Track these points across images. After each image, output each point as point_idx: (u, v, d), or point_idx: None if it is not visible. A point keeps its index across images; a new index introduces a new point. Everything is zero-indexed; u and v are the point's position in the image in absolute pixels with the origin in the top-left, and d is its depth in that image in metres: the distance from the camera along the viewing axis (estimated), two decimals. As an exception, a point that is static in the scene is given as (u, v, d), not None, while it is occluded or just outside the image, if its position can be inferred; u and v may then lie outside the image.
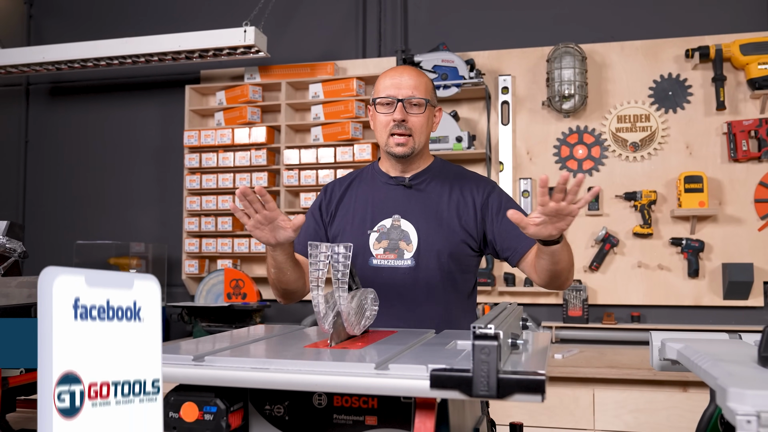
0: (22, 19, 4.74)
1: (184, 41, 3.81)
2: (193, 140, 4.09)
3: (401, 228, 1.85)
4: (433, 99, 1.90)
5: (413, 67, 1.92)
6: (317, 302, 1.32)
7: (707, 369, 0.97)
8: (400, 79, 1.84)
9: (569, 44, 3.66)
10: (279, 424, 1.18)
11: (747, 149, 3.49)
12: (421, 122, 1.84)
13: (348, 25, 4.20)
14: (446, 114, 3.76)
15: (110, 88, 4.58)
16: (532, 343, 1.33)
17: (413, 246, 1.83)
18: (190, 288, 4.13)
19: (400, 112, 1.81)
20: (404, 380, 0.97)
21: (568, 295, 3.61)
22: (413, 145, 1.85)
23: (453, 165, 2.00)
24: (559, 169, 3.76)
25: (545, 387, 0.91)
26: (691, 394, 2.89)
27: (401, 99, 1.82)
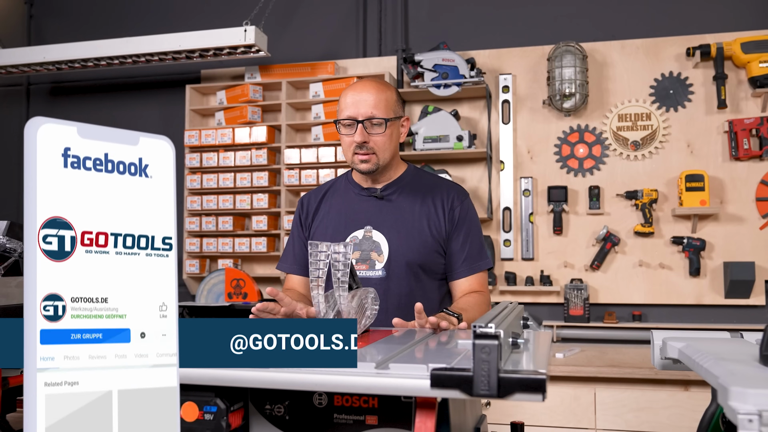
0: (22, 19, 4.75)
1: (185, 41, 3.81)
2: (193, 140, 4.09)
3: (372, 239, 1.88)
4: (396, 112, 1.91)
5: (375, 81, 1.91)
6: (317, 302, 1.31)
7: (709, 368, 0.96)
8: (359, 97, 1.85)
9: (570, 43, 3.66)
10: (279, 424, 1.18)
11: (748, 148, 3.48)
12: (383, 141, 1.87)
13: (348, 25, 4.20)
14: (447, 113, 3.76)
15: (111, 87, 4.58)
16: (533, 343, 1.32)
17: (384, 257, 1.86)
18: (191, 288, 4.13)
19: (360, 135, 1.84)
20: (405, 380, 0.97)
21: (569, 294, 3.61)
22: (377, 161, 1.88)
23: (425, 173, 2.04)
24: (560, 168, 3.76)
25: (546, 386, 0.90)
26: (693, 393, 2.89)
27: (361, 120, 1.83)
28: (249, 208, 4.00)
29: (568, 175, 3.75)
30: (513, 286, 3.73)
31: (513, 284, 3.73)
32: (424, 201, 1.92)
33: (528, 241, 3.74)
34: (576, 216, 3.73)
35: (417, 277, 1.86)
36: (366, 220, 1.91)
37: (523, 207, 3.77)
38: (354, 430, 1.15)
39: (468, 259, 1.91)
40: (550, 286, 3.66)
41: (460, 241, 1.90)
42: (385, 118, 1.85)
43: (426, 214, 1.90)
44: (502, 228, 3.79)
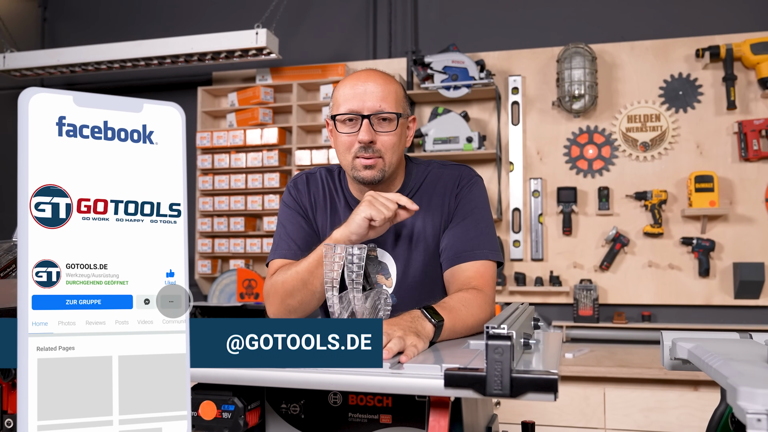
0: (36, 22, 4.79)
1: (197, 43, 3.84)
2: (205, 141, 4.12)
3: (377, 259, 1.61)
4: (406, 109, 1.59)
5: (379, 71, 1.59)
6: (332, 303, 1.34)
7: (718, 368, 0.98)
8: (365, 88, 1.52)
9: (579, 44, 3.67)
10: (295, 423, 1.20)
11: (758, 148, 3.48)
12: (393, 141, 1.53)
13: (358, 27, 4.22)
14: (456, 114, 3.77)
15: (123, 90, 4.62)
16: (544, 343, 1.34)
17: (392, 281, 1.60)
18: (203, 288, 4.16)
19: (366, 132, 1.50)
20: (419, 379, 0.98)
21: (578, 294, 3.61)
22: (383, 167, 1.54)
23: (427, 167, 1.69)
24: (569, 169, 3.76)
25: (558, 386, 0.92)
26: (702, 394, 2.89)
27: (367, 115, 1.50)
28: (260, 209, 4.03)
29: (578, 176, 3.76)
30: (522, 287, 3.74)
31: (522, 285, 3.74)
32: (429, 205, 1.62)
33: (537, 241, 3.75)
34: (585, 217, 3.74)
35: (429, 292, 1.61)
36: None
37: (532, 208, 3.78)
38: (368, 429, 1.17)
39: (464, 246, 1.57)
40: (559, 287, 3.67)
41: (461, 225, 1.59)
42: (396, 113, 1.53)
43: (432, 222, 1.62)
44: (511, 229, 3.81)
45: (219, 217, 4.11)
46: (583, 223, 3.74)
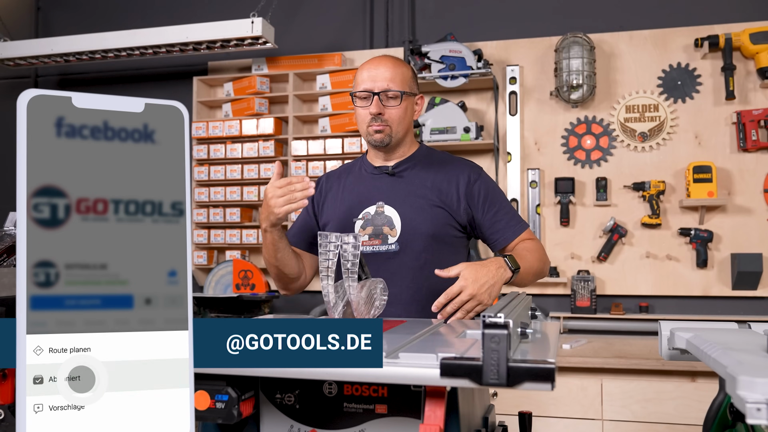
0: (30, 11, 4.75)
1: (192, 33, 3.81)
2: (201, 131, 4.10)
3: (385, 214, 1.91)
4: (412, 88, 1.95)
5: (391, 57, 1.98)
6: (327, 292, 1.32)
7: (717, 357, 0.97)
8: (376, 72, 1.91)
9: (577, 34, 3.64)
10: (290, 413, 1.19)
11: (756, 139, 3.47)
12: (399, 114, 1.91)
13: (355, 16, 4.19)
14: (454, 104, 3.75)
15: (118, 79, 4.59)
16: (541, 332, 1.33)
17: (397, 231, 1.89)
18: (199, 279, 4.15)
19: (375, 106, 1.88)
20: (414, 369, 0.98)
21: (576, 285, 3.61)
22: (390, 133, 1.91)
23: (438, 152, 2.06)
24: (567, 160, 3.75)
25: (555, 375, 0.91)
26: (700, 384, 2.89)
27: (377, 92, 1.88)
28: (256, 200, 4.01)
29: (576, 166, 3.75)
30: (520, 278, 3.72)
31: (520, 276, 3.73)
32: (437, 176, 1.94)
33: (535, 232, 3.74)
34: (583, 207, 3.73)
35: (430, 249, 1.88)
36: (378, 196, 1.93)
37: (530, 198, 3.77)
38: (363, 419, 1.16)
39: (511, 221, 1.95)
40: (557, 278, 3.66)
41: (495, 209, 1.94)
42: (401, 91, 1.89)
43: (438, 188, 1.92)
44: (509, 219, 3.79)
45: (215, 208, 4.09)
46: (581, 213, 3.73)
